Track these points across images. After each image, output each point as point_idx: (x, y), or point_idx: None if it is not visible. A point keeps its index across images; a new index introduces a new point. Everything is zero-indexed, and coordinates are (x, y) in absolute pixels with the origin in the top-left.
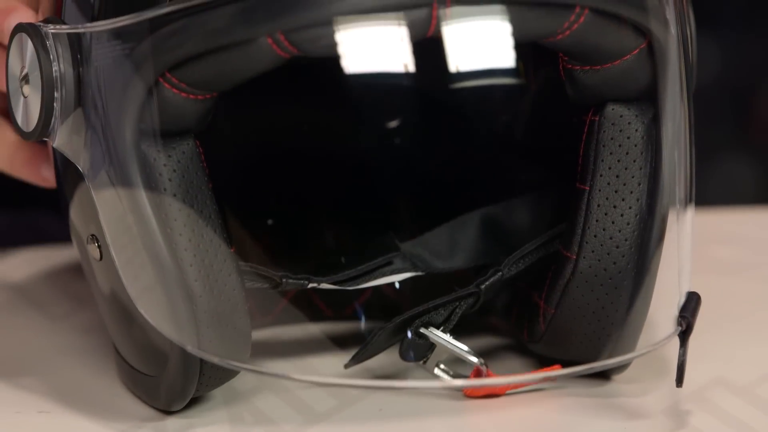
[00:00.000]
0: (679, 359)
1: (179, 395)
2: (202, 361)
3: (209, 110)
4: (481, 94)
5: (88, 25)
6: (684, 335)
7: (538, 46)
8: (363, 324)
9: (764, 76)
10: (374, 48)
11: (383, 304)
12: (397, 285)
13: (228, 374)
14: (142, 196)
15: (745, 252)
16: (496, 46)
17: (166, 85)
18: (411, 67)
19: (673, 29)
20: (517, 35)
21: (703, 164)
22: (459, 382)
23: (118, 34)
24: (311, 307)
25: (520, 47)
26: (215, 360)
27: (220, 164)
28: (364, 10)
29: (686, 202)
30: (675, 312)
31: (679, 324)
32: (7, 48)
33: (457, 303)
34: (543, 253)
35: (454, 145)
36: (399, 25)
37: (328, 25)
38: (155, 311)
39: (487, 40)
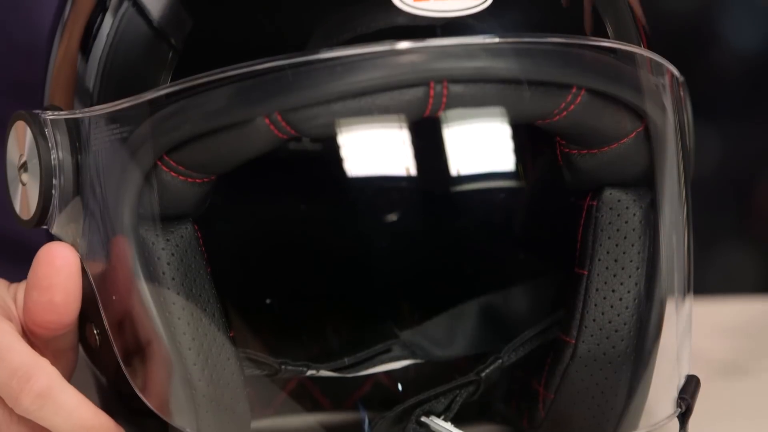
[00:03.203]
0: None
1: None
2: None
3: (207, 194)
4: (479, 180)
5: (86, 110)
6: (683, 417)
7: (535, 133)
8: (363, 416)
9: (763, 166)
10: (370, 128)
11: (383, 397)
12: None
13: None
14: (141, 279)
15: (745, 342)
16: (494, 127)
17: (164, 168)
18: (409, 152)
19: (669, 114)
20: (514, 115)
21: (702, 253)
22: None
23: (116, 117)
24: (311, 400)
25: (517, 135)
26: None
27: (218, 250)
28: (359, 90)
29: (685, 287)
30: (674, 394)
31: (679, 406)
32: (6, 135)
33: (458, 391)
34: (542, 339)
35: (451, 235)
36: (395, 105)
37: (324, 105)
38: (154, 395)
39: (484, 119)
